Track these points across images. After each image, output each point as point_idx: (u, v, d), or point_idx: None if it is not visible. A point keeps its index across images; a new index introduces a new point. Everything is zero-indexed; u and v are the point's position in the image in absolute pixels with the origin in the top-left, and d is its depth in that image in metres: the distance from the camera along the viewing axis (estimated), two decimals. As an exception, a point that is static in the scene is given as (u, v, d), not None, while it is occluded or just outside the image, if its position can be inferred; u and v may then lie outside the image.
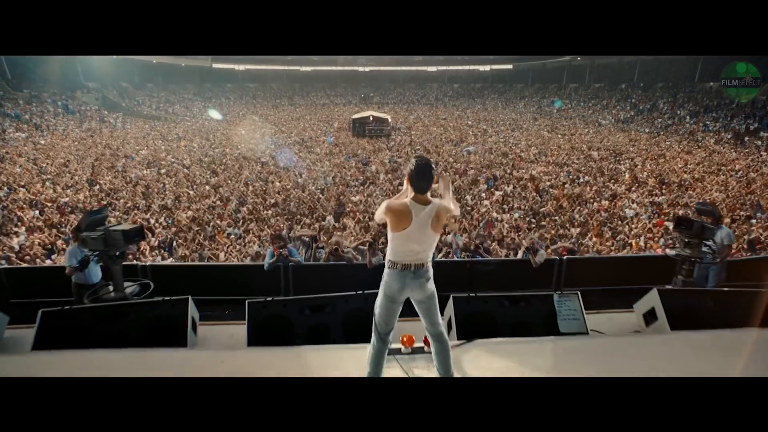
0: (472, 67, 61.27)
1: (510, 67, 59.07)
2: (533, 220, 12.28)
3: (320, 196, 14.30)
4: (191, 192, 14.87)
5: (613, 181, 16.69)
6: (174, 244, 10.43)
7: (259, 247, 10.21)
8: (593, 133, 31.73)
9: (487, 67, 61.29)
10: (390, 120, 31.32)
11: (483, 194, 14.65)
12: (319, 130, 32.02)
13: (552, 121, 38.81)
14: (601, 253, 9.91)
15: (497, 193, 14.74)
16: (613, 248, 10.25)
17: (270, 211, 12.83)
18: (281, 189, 15.04)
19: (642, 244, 10.36)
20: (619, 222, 12.01)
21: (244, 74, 59.77)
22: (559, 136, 29.73)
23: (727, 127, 28.11)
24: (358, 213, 12.57)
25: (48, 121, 31.70)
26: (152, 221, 11.89)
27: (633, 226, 11.61)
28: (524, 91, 55.83)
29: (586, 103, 44.48)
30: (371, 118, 30.54)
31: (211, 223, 11.69)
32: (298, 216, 12.38)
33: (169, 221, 11.74)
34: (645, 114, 36.31)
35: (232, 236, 10.88)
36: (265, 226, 11.57)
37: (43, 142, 26.12)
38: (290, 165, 19.14)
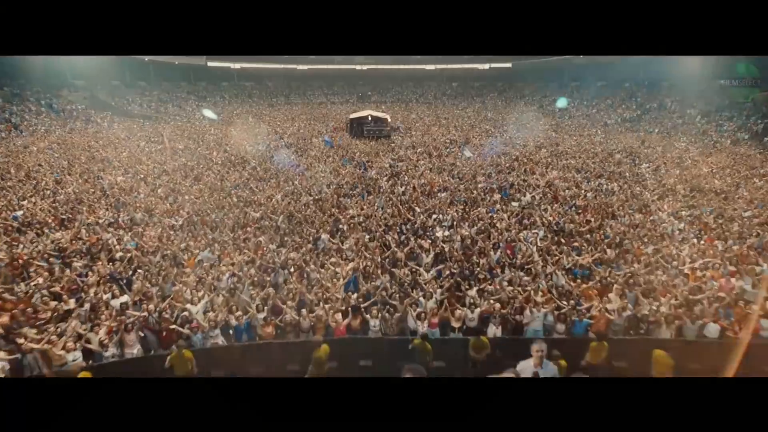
0: (470, 66, 58.96)
1: (509, 65, 56.88)
2: (560, 239, 10.25)
3: (313, 207, 12.22)
4: (167, 203, 12.76)
5: (639, 188, 14.69)
6: (133, 275, 8.36)
7: (233, 278, 8.16)
8: (602, 133, 29.74)
9: (486, 65, 59.03)
10: (389, 120, 29.09)
11: (498, 205, 12.61)
12: (315, 130, 29.85)
13: (556, 120, 36.79)
14: (653, 284, 7.94)
15: (514, 204, 12.69)
16: (663, 277, 8.26)
17: (252, 228, 10.76)
18: (268, 199, 12.93)
19: (699, 273, 8.37)
20: (662, 241, 10.01)
21: (239, 72, 57.26)
22: (567, 136, 27.70)
23: (744, 127, 26.18)
24: (356, 230, 10.53)
25: (29, 120, 29.40)
26: (112, 241, 9.81)
27: (681, 246, 9.63)
28: (524, 90, 53.73)
29: (589, 101, 42.47)
30: (370, 118, 28.29)
31: (183, 245, 9.61)
32: (286, 234, 10.32)
33: (133, 243, 9.64)
34: (652, 113, 34.34)
35: (205, 263, 8.80)
36: (246, 247, 9.50)
37: (19, 142, 23.93)
38: (284, 167, 17.10)
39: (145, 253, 9.22)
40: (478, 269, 8.52)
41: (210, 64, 53.67)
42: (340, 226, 10.79)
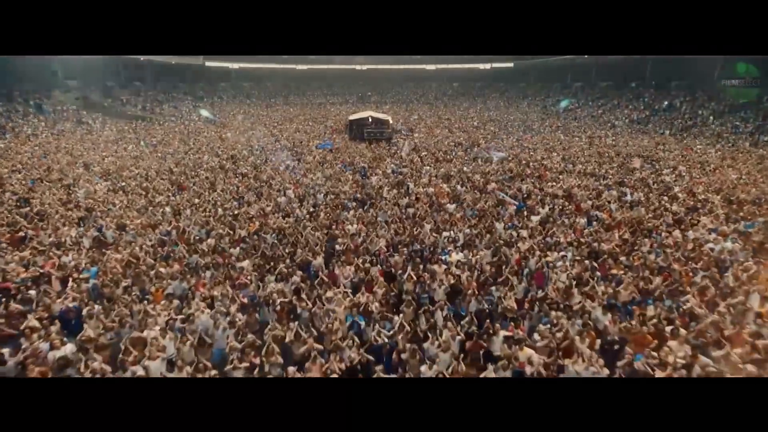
0: (471, 66, 57.34)
1: (511, 65, 55.22)
2: (592, 263, 8.70)
3: (306, 223, 10.65)
4: (145, 217, 11.18)
5: (666, 198, 13.12)
6: (84, 312, 6.79)
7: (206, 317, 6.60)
8: (612, 135, 28.16)
9: (488, 65, 57.38)
10: (391, 121, 27.38)
11: (516, 220, 11.05)
12: (313, 132, 28.27)
13: (562, 121, 35.20)
14: (719, 327, 6.38)
15: (534, 218, 11.13)
16: (725, 312, 6.72)
17: (237, 249, 9.20)
18: (257, 214, 11.34)
19: (771, 310, 6.82)
20: (712, 265, 8.42)
21: (238, 73, 55.64)
22: (576, 138, 26.12)
23: (762, 128, 24.63)
24: (355, 252, 8.98)
25: (15, 122, 27.79)
26: (71, 266, 8.25)
27: (737, 273, 8.07)
28: (527, 90, 52.14)
29: (595, 102, 40.88)
30: (370, 120, 26.56)
31: (152, 271, 8.04)
32: (274, 258, 8.76)
33: (91, 271, 8.07)
34: (662, 114, 32.76)
35: (175, 299, 7.23)
36: (225, 276, 7.93)
37: (2, 145, 22.35)
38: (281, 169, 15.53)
39: (106, 284, 7.65)
40: (503, 306, 6.97)
41: (208, 64, 52.01)
42: (338, 247, 9.23)
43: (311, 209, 11.72)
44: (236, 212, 11.49)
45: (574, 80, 48.27)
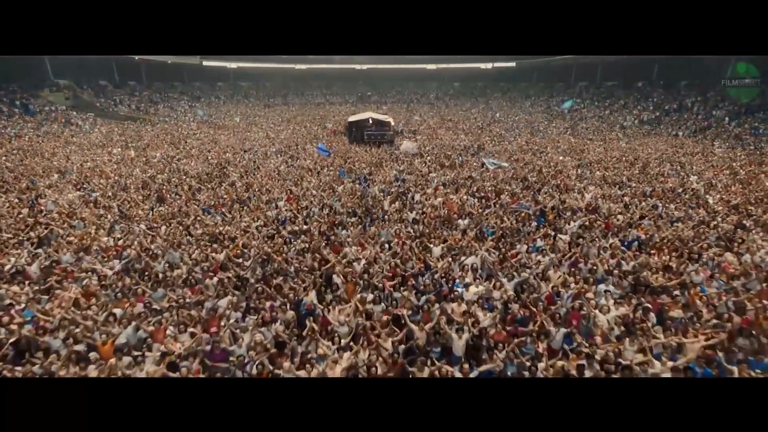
0: (473, 65, 55.53)
1: (513, 64, 53.46)
2: (640, 298, 7.09)
3: (298, 244, 9.01)
4: (111, 238, 9.53)
5: (702, 210, 11.49)
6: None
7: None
8: (623, 136, 26.52)
9: (489, 65, 55.58)
10: (393, 123, 25.61)
11: (539, 240, 9.41)
12: (310, 135, 26.60)
13: (569, 122, 33.52)
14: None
15: (562, 238, 9.49)
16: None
17: (214, 280, 7.57)
18: (241, 233, 9.70)
19: None
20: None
21: (236, 72, 53.88)
22: (587, 140, 24.45)
23: (784, 131, 23.03)
24: (355, 285, 7.34)
25: (-2, 123, 26.11)
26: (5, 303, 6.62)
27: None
28: (529, 90, 50.40)
29: (601, 102, 39.17)
30: (371, 121, 24.80)
31: (102, 315, 6.40)
32: (257, 293, 7.13)
33: (28, 313, 6.44)
34: (673, 115, 31.10)
35: (125, 356, 5.59)
36: (192, 321, 6.31)
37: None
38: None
39: (45, 331, 6.03)
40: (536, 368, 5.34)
41: (205, 63, 50.23)
42: (333, 277, 7.61)
43: (303, 226, 10.04)
44: (219, 229, 9.86)
45: (578, 80, 46.54)
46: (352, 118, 26.06)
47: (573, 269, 8.04)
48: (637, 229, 9.97)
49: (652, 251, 8.88)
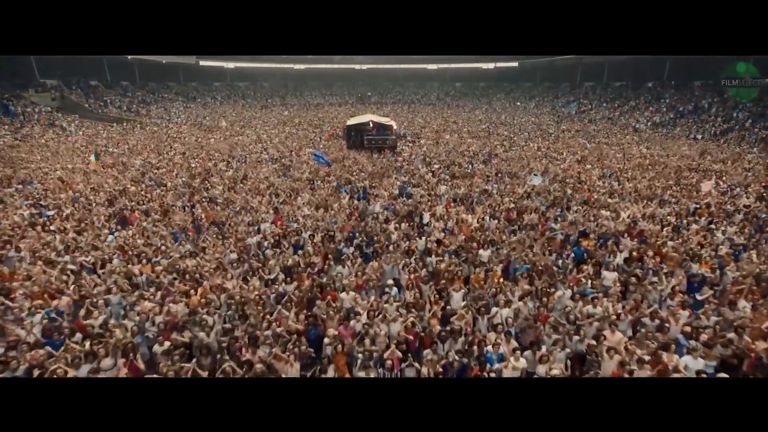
0: (474, 65, 53.44)
1: (515, 64, 51.32)
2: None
3: (283, 287, 6.97)
4: (46, 275, 7.46)
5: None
6: None
7: None
8: (640, 140, 24.43)
9: (491, 65, 53.46)
10: (395, 126, 23.43)
11: (583, 279, 7.36)
12: (306, 139, 24.52)
13: (578, 125, 31.41)
14: None
15: (609, 276, 7.44)
16: None
17: (165, 345, 5.53)
18: (213, 272, 7.62)
19: None
20: None
21: (233, 72, 51.78)
22: (604, 145, 22.37)
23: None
24: (349, 355, 5.31)
25: (-27, 126, 24.03)
26: None
27: None
28: (533, 91, 48.37)
29: (609, 103, 37.11)
30: (371, 125, 22.63)
31: None
32: (223, 370, 5.09)
33: None
34: (688, 117, 29.03)
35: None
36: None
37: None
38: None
39: None
40: None
41: (202, 63, 48.09)
42: (326, 342, 5.58)
43: (289, 262, 7.96)
44: (184, 265, 7.79)
45: (583, 80, 44.45)
46: (351, 122, 23.88)
47: (637, 328, 6.02)
48: (701, 265, 7.92)
49: (731, 296, 6.84)
